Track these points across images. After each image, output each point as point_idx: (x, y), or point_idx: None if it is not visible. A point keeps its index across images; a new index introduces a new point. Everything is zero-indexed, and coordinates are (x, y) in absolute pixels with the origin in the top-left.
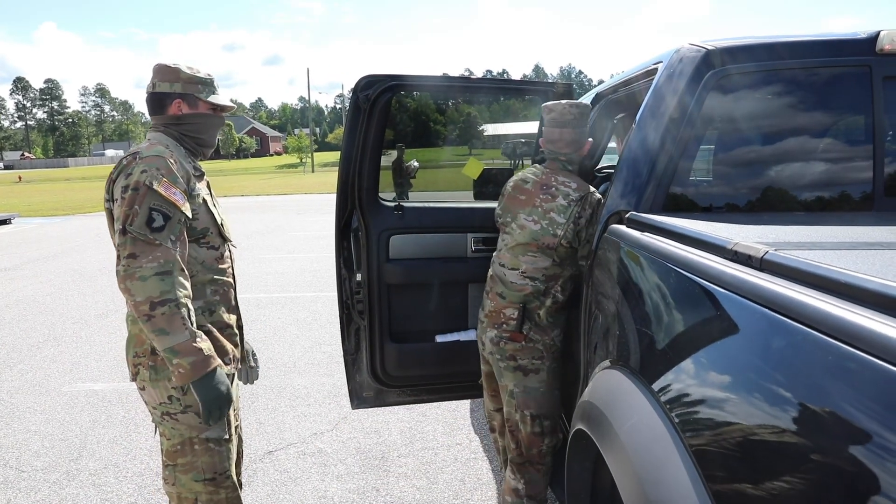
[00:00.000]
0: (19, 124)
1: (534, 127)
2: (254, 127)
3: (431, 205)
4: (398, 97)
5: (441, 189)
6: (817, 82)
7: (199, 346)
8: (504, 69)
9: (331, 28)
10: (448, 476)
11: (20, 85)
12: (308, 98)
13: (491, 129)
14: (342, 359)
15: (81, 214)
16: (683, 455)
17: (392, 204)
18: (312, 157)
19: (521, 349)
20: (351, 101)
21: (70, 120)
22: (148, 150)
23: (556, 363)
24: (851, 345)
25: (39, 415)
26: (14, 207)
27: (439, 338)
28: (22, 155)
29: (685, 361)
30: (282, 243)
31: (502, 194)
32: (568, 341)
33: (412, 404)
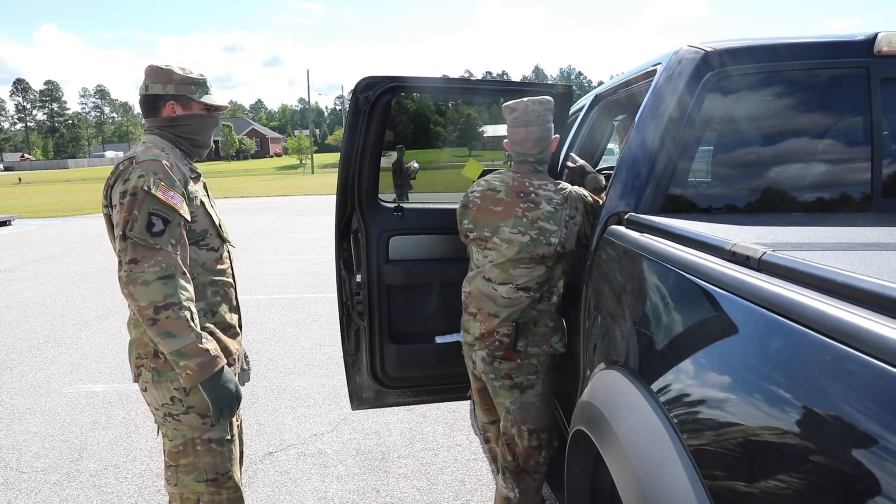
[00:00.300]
0: (19, 126)
1: None
2: (254, 128)
3: (431, 206)
4: (398, 98)
5: (441, 190)
6: (815, 84)
7: (206, 347)
8: (504, 70)
9: (330, 29)
10: (448, 477)
11: (20, 86)
12: (308, 99)
13: (491, 131)
14: (342, 360)
15: (81, 216)
16: (682, 455)
17: (392, 205)
18: (312, 159)
19: (517, 367)
20: (351, 103)
21: (70, 121)
22: (144, 155)
23: (550, 374)
24: (849, 345)
25: (40, 416)
26: (14, 209)
27: (439, 339)
28: (22, 156)
29: (684, 362)
30: (282, 245)
31: (465, 206)
32: (568, 342)
33: (412, 405)
